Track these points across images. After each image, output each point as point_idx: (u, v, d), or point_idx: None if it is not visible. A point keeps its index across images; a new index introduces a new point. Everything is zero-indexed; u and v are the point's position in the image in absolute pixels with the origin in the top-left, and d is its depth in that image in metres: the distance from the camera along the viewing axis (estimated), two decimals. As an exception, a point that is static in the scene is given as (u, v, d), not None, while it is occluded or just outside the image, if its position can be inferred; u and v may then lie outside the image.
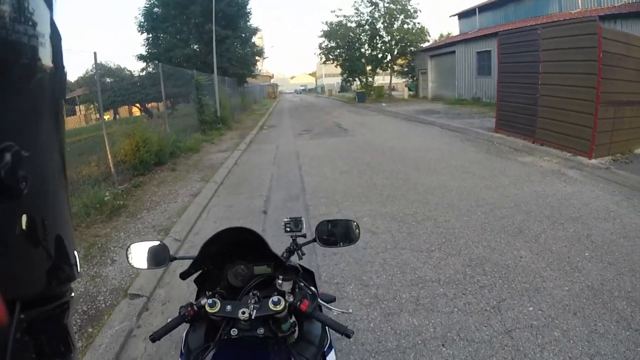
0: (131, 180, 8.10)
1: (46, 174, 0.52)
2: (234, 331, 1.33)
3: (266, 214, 6.00)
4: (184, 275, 1.52)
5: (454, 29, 55.09)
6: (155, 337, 1.35)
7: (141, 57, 26.43)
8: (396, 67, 36.72)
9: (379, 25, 33.50)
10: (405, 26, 32.54)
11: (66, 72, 0.56)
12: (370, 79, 36.68)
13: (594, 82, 7.80)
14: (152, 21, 25.56)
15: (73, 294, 0.61)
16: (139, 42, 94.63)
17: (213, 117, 16.71)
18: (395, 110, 22.16)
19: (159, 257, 1.63)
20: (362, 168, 8.43)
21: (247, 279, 1.54)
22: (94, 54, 7.81)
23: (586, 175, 7.20)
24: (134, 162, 8.47)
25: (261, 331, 1.34)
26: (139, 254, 1.63)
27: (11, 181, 0.43)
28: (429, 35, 33.42)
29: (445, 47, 28.26)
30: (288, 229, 1.71)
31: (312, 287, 1.58)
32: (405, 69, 37.25)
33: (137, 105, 20.26)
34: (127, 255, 1.63)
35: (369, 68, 35.88)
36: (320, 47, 36.68)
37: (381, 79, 42.12)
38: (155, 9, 25.61)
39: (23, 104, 0.47)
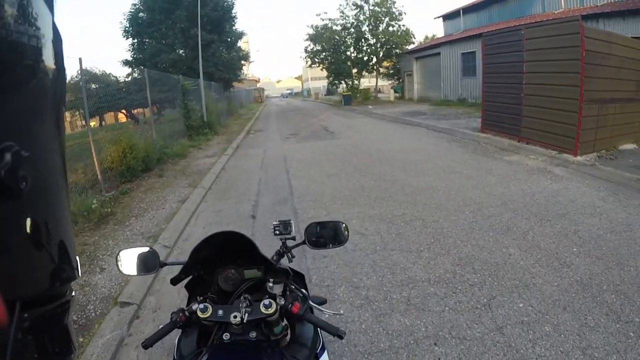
0: (118, 187, 8.02)
1: (47, 174, 0.52)
2: (226, 335, 1.32)
3: (255, 218, 5.98)
4: (174, 281, 1.51)
5: (438, 30, 55.63)
6: (147, 344, 1.34)
7: (127, 63, 26.23)
8: (382, 70, 36.94)
9: (365, 28, 33.67)
10: (391, 29, 32.73)
11: (66, 75, 0.56)
12: (356, 82, 36.77)
13: (577, 81, 7.93)
14: (137, 26, 25.35)
15: (73, 294, 0.61)
16: (124, 48, 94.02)
17: (200, 122, 16.63)
18: (381, 112, 22.25)
19: (148, 263, 1.61)
20: (350, 171, 8.45)
21: (237, 283, 1.53)
22: (79, 59, 7.71)
23: (572, 172, 7.32)
24: (121, 169, 8.39)
25: (253, 335, 1.33)
26: (128, 260, 1.61)
27: (11, 181, 0.43)
28: (414, 38, 33.64)
29: (430, 49, 28.52)
30: (277, 232, 1.71)
31: (302, 290, 1.57)
32: (391, 71, 37.47)
33: (123, 111, 20.04)
34: (117, 262, 1.61)
35: (354, 71, 35.99)
36: (306, 51, 36.65)
37: (367, 82, 42.27)
38: (141, 14, 25.42)
39: (24, 105, 0.47)
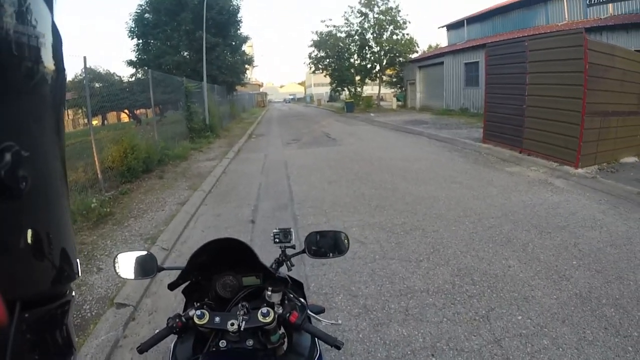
0: (118, 187, 8.01)
1: (47, 173, 0.52)
2: (222, 343, 1.32)
3: (254, 223, 5.96)
4: (172, 286, 1.50)
5: (442, 40, 55.80)
6: (142, 349, 1.33)
7: (131, 63, 26.26)
8: (385, 78, 37.00)
9: (369, 36, 33.77)
10: (395, 37, 32.88)
11: (66, 74, 0.56)
12: (359, 89, 36.84)
13: (580, 93, 7.95)
14: (142, 27, 25.39)
15: (73, 294, 0.60)
16: (129, 48, 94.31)
17: (202, 125, 16.63)
18: (383, 120, 22.29)
19: (146, 267, 1.61)
20: (351, 178, 8.44)
21: (235, 290, 1.53)
22: (84, 58, 7.71)
23: (573, 184, 7.31)
24: (121, 169, 8.38)
25: (250, 343, 1.32)
26: (126, 263, 1.61)
27: (11, 181, 0.43)
28: (417, 46, 33.75)
29: (434, 58, 28.63)
30: (277, 240, 1.70)
31: (301, 299, 1.57)
32: (394, 80, 37.50)
33: (125, 111, 20.10)
34: (115, 265, 1.61)
35: (357, 78, 36.06)
36: (310, 57, 36.78)
37: (370, 89, 42.37)
38: (146, 15, 25.48)
39: (24, 105, 0.46)
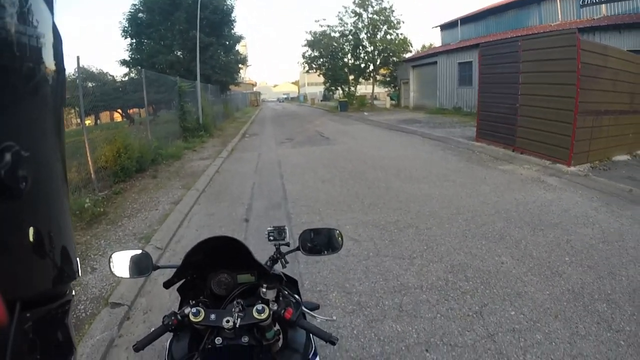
0: (112, 187, 7.97)
1: (47, 173, 0.52)
2: (218, 340, 1.32)
3: (248, 222, 5.96)
4: (167, 284, 1.51)
5: (436, 40, 55.88)
6: (138, 347, 1.34)
7: (124, 62, 26.13)
8: (379, 77, 37.06)
9: (362, 36, 33.80)
10: (388, 37, 32.92)
11: (66, 74, 0.56)
12: (352, 89, 36.90)
13: (572, 92, 8.01)
14: (136, 26, 25.28)
15: (73, 294, 0.60)
16: (122, 47, 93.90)
17: (195, 125, 16.57)
18: (377, 119, 22.34)
19: (141, 266, 1.61)
20: (344, 176, 8.46)
21: (230, 287, 1.53)
22: (77, 57, 7.70)
23: (565, 182, 7.37)
24: (114, 169, 8.34)
25: (245, 339, 1.33)
26: (121, 262, 1.61)
27: (11, 181, 0.43)
28: (411, 46, 33.85)
29: (428, 58, 28.73)
30: (272, 238, 1.70)
31: (295, 295, 1.57)
32: (388, 79, 37.56)
33: (118, 110, 20.00)
34: (110, 264, 1.61)
35: (351, 77, 36.11)
36: (304, 56, 36.79)
37: (364, 89, 42.40)
38: (140, 14, 25.37)
39: (24, 105, 0.47)
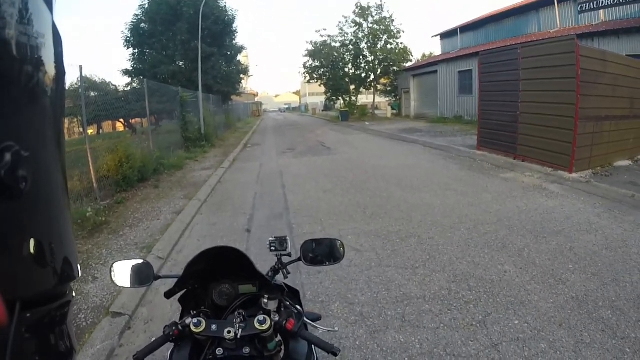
0: (114, 196, 7.98)
1: (46, 173, 0.52)
2: (219, 351, 1.31)
3: (250, 232, 5.95)
4: (168, 295, 1.50)
5: (436, 49, 56.09)
6: (139, 357, 1.33)
7: (126, 72, 26.34)
8: (379, 87, 37.16)
9: (363, 45, 33.86)
10: (389, 46, 32.95)
11: (66, 74, 0.56)
12: (353, 98, 36.94)
13: (573, 99, 8.02)
14: (138, 36, 25.52)
15: (73, 294, 0.60)
16: (124, 57, 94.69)
17: (197, 135, 16.64)
18: (378, 129, 22.38)
19: (142, 276, 1.61)
20: (346, 186, 8.45)
21: (232, 298, 1.52)
22: (80, 67, 7.74)
23: (567, 189, 7.35)
24: (116, 178, 8.36)
25: (247, 350, 1.32)
26: (122, 272, 1.61)
27: (11, 181, 0.43)
28: (411, 55, 33.88)
29: (428, 67, 28.86)
30: (273, 248, 1.71)
31: (297, 306, 1.57)
32: (389, 88, 37.70)
33: (121, 120, 20.09)
34: (111, 273, 1.61)
35: (352, 87, 36.14)
36: (305, 67, 36.79)
37: (365, 98, 42.48)
38: (142, 25, 25.61)
39: (23, 105, 0.47)
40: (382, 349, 2.99)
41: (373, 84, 35.86)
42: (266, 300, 1.43)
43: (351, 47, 34.30)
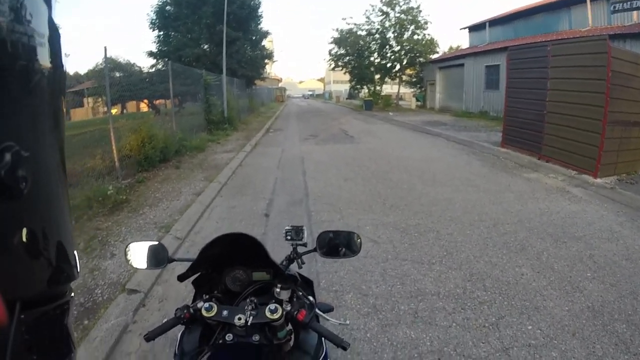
0: (135, 175, 8.11)
1: (45, 172, 0.52)
2: (229, 336, 1.32)
3: (268, 217, 5.98)
4: (181, 278, 1.51)
5: (463, 41, 55.10)
6: (149, 337, 1.35)
7: (151, 54, 26.71)
8: (405, 77, 36.75)
9: (389, 35, 33.46)
10: (415, 37, 32.51)
11: (65, 71, 0.56)
12: (378, 88, 36.67)
13: (601, 101, 7.78)
14: (163, 19, 25.79)
15: (73, 295, 0.60)
16: (149, 39, 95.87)
17: (220, 118, 16.75)
18: (402, 119, 22.18)
19: (157, 258, 1.63)
20: (367, 176, 8.42)
21: (245, 284, 1.53)
22: (104, 48, 7.88)
23: (591, 194, 7.16)
24: (138, 158, 8.49)
25: (256, 338, 1.32)
26: (137, 253, 1.63)
27: (11, 181, 0.43)
28: (438, 47, 33.36)
29: (455, 60, 28.39)
30: (289, 237, 1.70)
31: (310, 297, 1.55)
32: (414, 79, 37.26)
33: (145, 101, 20.34)
34: (126, 254, 1.63)
35: (377, 77, 35.86)
36: (330, 54, 36.57)
37: (389, 88, 42.12)
38: (168, 7, 25.83)
39: (19, 105, 0.46)
40: (392, 343, 2.99)
41: (398, 74, 35.47)
42: (279, 290, 1.43)
43: (377, 36, 33.89)
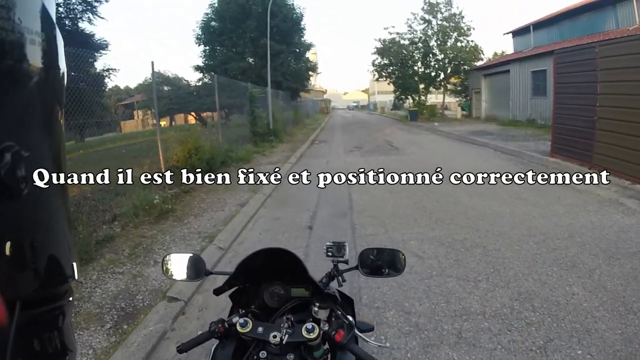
0: (181, 185, 8.32)
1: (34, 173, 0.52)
2: (263, 354, 1.30)
3: (311, 229, 5.99)
4: (217, 292, 1.52)
5: (508, 47, 53.72)
6: (182, 349, 1.36)
7: (198, 68, 27.58)
8: (449, 86, 36.24)
9: (432, 43, 33.16)
10: (459, 44, 32.08)
11: (63, 74, 0.57)
12: (423, 98, 36.23)
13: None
14: (209, 34, 26.69)
15: (71, 297, 0.61)
16: (196, 54, 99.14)
17: (265, 129, 17.04)
18: (447, 130, 21.80)
19: (194, 270, 1.64)
20: (412, 188, 8.28)
21: (283, 300, 1.52)
22: (152, 62, 8.24)
23: (646, 206, 6.72)
24: (185, 168, 8.69)
25: (291, 357, 1.30)
26: (175, 265, 1.65)
27: (11, 181, 0.44)
28: (482, 54, 32.77)
29: (499, 66, 27.76)
30: (330, 254, 1.64)
31: (349, 316, 1.52)
32: (459, 88, 36.67)
33: (192, 113, 21.00)
34: (163, 265, 1.65)
35: (421, 86, 35.47)
36: (374, 64, 36.60)
37: (434, 98, 41.59)
38: (212, 23, 26.64)
39: (22, 104, 0.47)
40: (434, 364, 2.89)
41: (443, 83, 35.05)
42: (317, 309, 1.40)
43: (420, 44, 33.63)
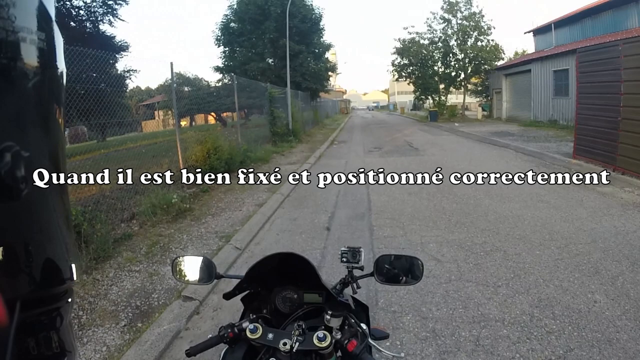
0: (200, 184, 8.38)
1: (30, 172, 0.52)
2: None
3: (329, 230, 5.97)
4: (227, 296, 1.50)
5: (529, 46, 52.81)
6: (191, 353, 1.36)
7: (217, 69, 27.93)
8: (470, 86, 35.83)
9: (452, 43, 32.80)
10: (479, 43, 31.66)
11: (62, 73, 0.56)
12: (443, 98, 35.90)
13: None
14: (228, 35, 26.97)
15: (70, 299, 0.61)
16: (216, 55, 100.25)
17: (284, 130, 17.11)
18: (468, 130, 21.58)
19: (204, 274, 1.61)
20: (432, 190, 8.20)
21: (295, 305, 1.50)
22: (171, 64, 8.24)
23: (674, 211, 6.51)
24: (204, 168, 8.77)
25: None
26: (184, 267, 1.62)
27: (11, 181, 0.44)
28: (503, 53, 32.25)
29: (520, 66, 27.34)
30: (344, 259, 1.60)
31: (363, 324, 1.47)
32: (479, 88, 36.25)
33: (212, 114, 21.18)
34: (173, 267, 1.63)
35: (442, 86, 35.13)
36: (393, 64, 36.28)
37: (454, 98, 41.17)
38: (232, 24, 26.91)
39: (22, 105, 0.47)
40: (450, 371, 2.84)
41: (463, 83, 34.61)
42: (329, 317, 1.35)
43: (440, 44, 33.33)
